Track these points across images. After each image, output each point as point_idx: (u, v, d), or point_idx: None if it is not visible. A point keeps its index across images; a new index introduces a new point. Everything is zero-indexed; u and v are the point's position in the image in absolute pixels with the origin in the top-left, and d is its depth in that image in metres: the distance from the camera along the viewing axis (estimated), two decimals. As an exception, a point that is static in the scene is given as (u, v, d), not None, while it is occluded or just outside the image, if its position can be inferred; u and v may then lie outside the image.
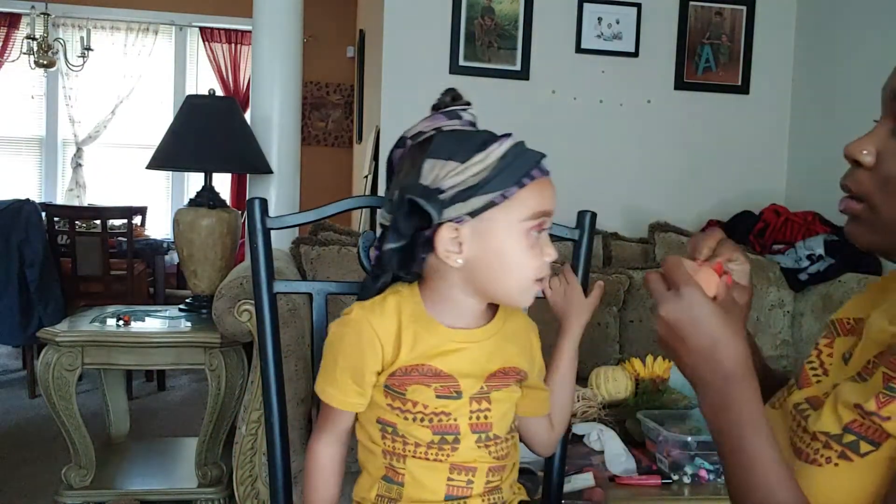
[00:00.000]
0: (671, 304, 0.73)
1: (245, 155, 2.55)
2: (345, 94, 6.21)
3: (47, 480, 2.69)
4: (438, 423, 0.89)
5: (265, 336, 1.05)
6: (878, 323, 0.79)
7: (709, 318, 0.72)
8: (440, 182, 0.85)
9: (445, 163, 0.85)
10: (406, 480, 0.90)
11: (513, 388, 0.95)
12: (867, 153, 0.74)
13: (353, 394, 0.90)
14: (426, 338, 0.89)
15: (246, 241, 1.10)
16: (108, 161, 6.16)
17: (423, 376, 0.89)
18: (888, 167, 0.73)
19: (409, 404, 0.89)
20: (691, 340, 0.72)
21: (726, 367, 0.72)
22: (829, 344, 0.88)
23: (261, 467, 1.90)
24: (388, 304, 0.90)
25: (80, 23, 5.91)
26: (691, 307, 0.72)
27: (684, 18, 3.26)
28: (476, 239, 0.86)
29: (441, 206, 0.85)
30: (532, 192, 0.86)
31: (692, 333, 0.72)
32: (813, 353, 0.89)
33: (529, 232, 0.86)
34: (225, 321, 1.94)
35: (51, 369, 2.16)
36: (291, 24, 2.91)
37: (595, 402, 1.95)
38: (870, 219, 0.75)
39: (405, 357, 0.88)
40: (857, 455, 0.72)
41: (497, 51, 3.14)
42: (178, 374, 4.12)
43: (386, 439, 0.91)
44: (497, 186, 0.84)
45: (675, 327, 0.73)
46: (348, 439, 0.96)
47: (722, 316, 0.72)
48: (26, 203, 3.62)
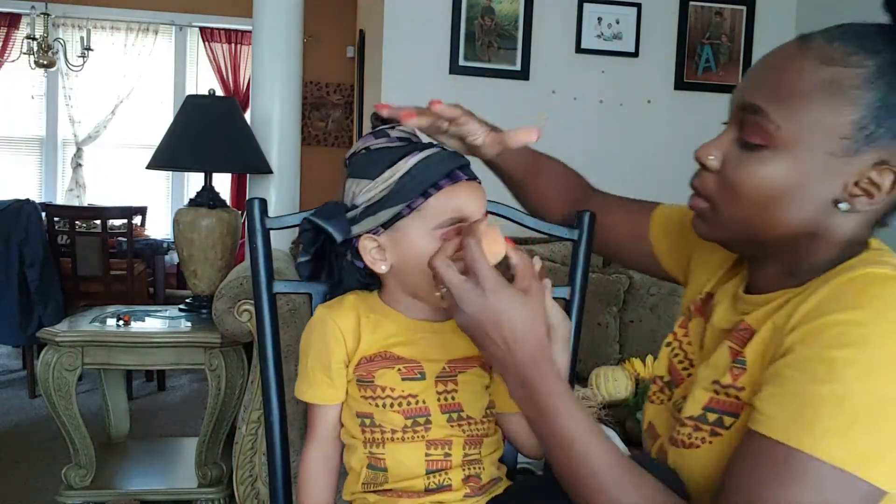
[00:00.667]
0: (476, 299, 0.77)
1: (245, 155, 2.55)
2: (345, 94, 6.21)
3: (47, 480, 2.69)
4: (408, 406, 0.92)
5: (265, 336, 1.05)
6: (720, 311, 0.88)
7: (512, 310, 0.77)
8: (355, 199, 0.93)
9: (359, 181, 0.93)
10: (388, 464, 0.94)
11: (478, 370, 0.96)
12: (713, 158, 0.81)
13: (324, 385, 0.95)
14: (386, 325, 0.95)
15: (246, 241, 1.10)
16: (108, 161, 6.15)
17: (386, 360, 0.93)
18: (730, 172, 0.79)
19: (379, 390, 0.93)
20: (492, 333, 0.77)
21: (530, 357, 0.77)
22: (684, 324, 0.96)
23: (261, 467, 1.90)
24: (346, 301, 0.97)
25: (80, 23, 5.91)
26: (496, 301, 0.77)
27: (684, 18, 3.26)
28: (394, 247, 0.92)
29: (351, 221, 0.93)
30: (441, 201, 0.90)
31: (497, 327, 0.77)
32: (674, 343, 0.96)
33: (446, 238, 0.89)
34: (225, 321, 1.94)
35: (51, 369, 2.16)
36: (291, 24, 2.91)
37: (595, 402, 1.95)
38: (712, 217, 0.83)
39: (368, 343, 0.94)
40: (724, 429, 0.79)
41: (497, 51, 3.14)
42: (178, 374, 4.12)
43: (365, 432, 0.94)
44: (403, 198, 0.90)
45: (477, 319, 0.78)
46: (336, 445, 0.99)
47: (523, 305, 0.77)
48: (26, 203, 3.62)
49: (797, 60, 0.76)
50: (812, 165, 0.75)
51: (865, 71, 0.73)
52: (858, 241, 0.79)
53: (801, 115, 0.74)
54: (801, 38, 0.78)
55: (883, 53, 0.73)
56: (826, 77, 0.74)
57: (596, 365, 2.30)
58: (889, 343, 0.67)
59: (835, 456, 0.66)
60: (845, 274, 0.74)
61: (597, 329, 2.57)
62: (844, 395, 0.67)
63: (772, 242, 0.80)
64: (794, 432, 0.68)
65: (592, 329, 2.56)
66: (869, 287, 0.71)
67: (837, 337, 0.69)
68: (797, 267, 0.80)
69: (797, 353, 0.71)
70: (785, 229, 0.78)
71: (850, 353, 0.68)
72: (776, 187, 0.76)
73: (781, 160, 0.75)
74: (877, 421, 0.66)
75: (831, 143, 0.74)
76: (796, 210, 0.77)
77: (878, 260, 0.75)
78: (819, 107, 0.74)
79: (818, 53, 0.75)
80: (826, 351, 0.69)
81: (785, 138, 0.75)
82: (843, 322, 0.69)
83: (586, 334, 2.53)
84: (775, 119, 0.75)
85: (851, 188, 0.75)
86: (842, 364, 0.68)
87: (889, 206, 0.78)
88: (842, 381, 0.67)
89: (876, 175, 0.74)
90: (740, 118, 0.79)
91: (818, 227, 0.77)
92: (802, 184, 0.75)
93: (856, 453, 0.66)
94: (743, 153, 0.78)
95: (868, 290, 0.71)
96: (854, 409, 0.66)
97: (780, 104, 0.75)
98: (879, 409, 0.66)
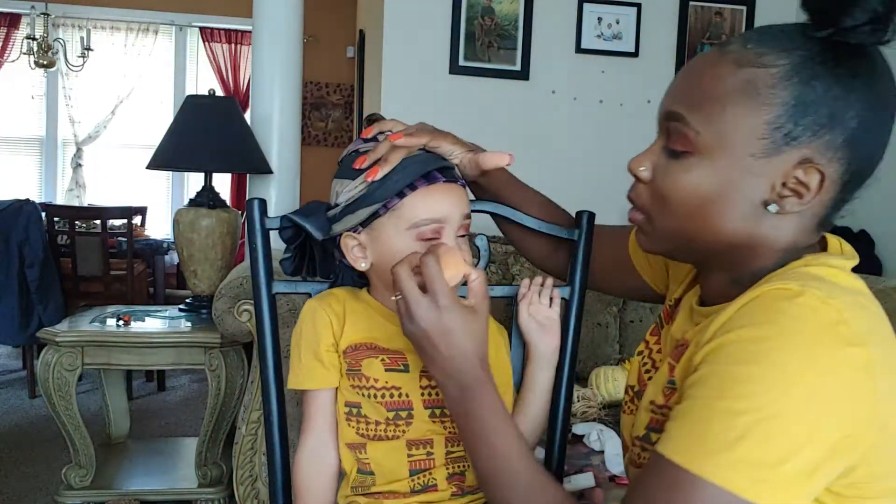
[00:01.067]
0: (427, 313, 0.80)
1: (245, 155, 2.55)
2: (345, 94, 6.21)
3: (47, 480, 2.69)
4: (391, 398, 0.93)
5: (264, 336, 1.05)
6: (677, 322, 0.88)
7: (460, 328, 0.81)
8: (338, 198, 0.95)
9: (342, 181, 0.95)
10: (374, 468, 0.94)
11: None
12: (644, 169, 0.81)
13: (317, 370, 0.96)
14: (373, 315, 0.97)
15: (246, 241, 1.10)
16: (108, 161, 6.15)
17: (371, 349, 0.95)
18: (660, 183, 0.79)
19: (364, 380, 0.94)
20: (440, 349, 0.81)
21: (471, 372, 0.81)
22: (655, 332, 0.95)
23: (261, 467, 1.91)
24: (335, 292, 1.00)
25: (79, 23, 5.91)
26: (448, 319, 0.80)
27: (684, 18, 3.26)
28: (373, 245, 0.94)
29: (333, 220, 0.95)
30: (417, 201, 0.91)
31: (440, 343, 0.81)
32: (644, 351, 0.95)
33: (420, 239, 0.91)
34: (225, 321, 1.94)
35: (51, 369, 2.16)
36: (291, 24, 2.91)
37: (595, 402, 1.95)
38: (650, 229, 0.82)
39: (353, 329, 0.95)
40: None
41: (497, 51, 3.14)
42: (178, 374, 4.12)
43: (350, 421, 0.95)
44: (380, 197, 0.91)
45: (426, 333, 0.81)
46: (332, 438, 0.97)
47: (471, 322, 0.81)
48: (26, 203, 3.62)
49: (715, 66, 0.75)
50: (735, 169, 0.74)
51: (779, 70, 0.72)
52: (799, 246, 0.77)
53: (720, 119, 0.74)
54: (720, 45, 0.77)
55: (797, 51, 0.72)
56: (742, 79, 0.73)
57: (596, 365, 2.30)
58: (787, 360, 0.65)
59: (721, 476, 0.64)
60: (758, 288, 0.72)
61: (597, 329, 2.57)
62: (737, 412, 0.65)
63: (711, 251, 0.79)
64: (684, 451, 0.66)
65: (592, 329, 2.56)
66: (773, 303, 0.69)
67: (736, 354, 0.67)
68: (740, 276, 0.78)
69: (700, 371, 0.70)
70: (720, 237, 0.77)
71: (746, 370, 0.66)
72: (703, 194, 0.75)
73: (705, 166, 0.75)
74: (768, 439, 0.64)
75: (751, 145, 0.73)
76: (728, 216, 0.76)
77: (786, 275, 0.73)
78: (736, 109, 0.73)
79: (734, 57, 0.74)
80: (724, 367, 0.68)
81: (706, 143, 0.74)
82: (744, 339, 0.68)
83: (586, 334, 2.53)
84: (695, 125, 0.75)
85: (780, 189, 0.74)
86: (736, 381, 0.66)
87: (826, 207, 0.76)
88: (736, 398, 0.65)
89: (802, 174, 0.72)
90: (666, 127, 0.78)
91: (754, 233, 0.76)
92: (728, 188, 0.75)
93: (742, 473, 0.64)
94: (670, 162, 0.78)
95: (772, 305, 0.69)
96: (746, 427, 0.64)
97: (698, 110, 0.75)
98: (771, 427, 0.64)
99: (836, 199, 0.75)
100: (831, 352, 0.65)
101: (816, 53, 0.72)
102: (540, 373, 1.02)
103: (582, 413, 1.90)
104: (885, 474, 0.69)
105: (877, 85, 0.73)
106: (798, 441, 0.64)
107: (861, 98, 0.71)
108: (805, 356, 0.65)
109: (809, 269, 0.73)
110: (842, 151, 0.72)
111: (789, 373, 0.65)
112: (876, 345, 0.67)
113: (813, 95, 0.71)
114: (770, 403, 0.64)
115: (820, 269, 0.73)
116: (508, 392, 1.02)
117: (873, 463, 0.68)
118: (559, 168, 3.09)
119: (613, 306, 2.60)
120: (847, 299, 0.69)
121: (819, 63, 0.71)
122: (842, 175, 0.73)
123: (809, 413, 0.64)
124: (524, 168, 1.19)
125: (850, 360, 0.65)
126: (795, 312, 0.67)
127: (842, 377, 0.65)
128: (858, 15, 0.69)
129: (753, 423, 0.64)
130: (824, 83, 0.71)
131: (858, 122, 0.72)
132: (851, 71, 0.71)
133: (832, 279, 0.72)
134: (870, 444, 0.66)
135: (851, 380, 0.65)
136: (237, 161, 2.57)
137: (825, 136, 0.72)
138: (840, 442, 0.65)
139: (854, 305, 0.69)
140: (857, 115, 0.71)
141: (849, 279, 0.73)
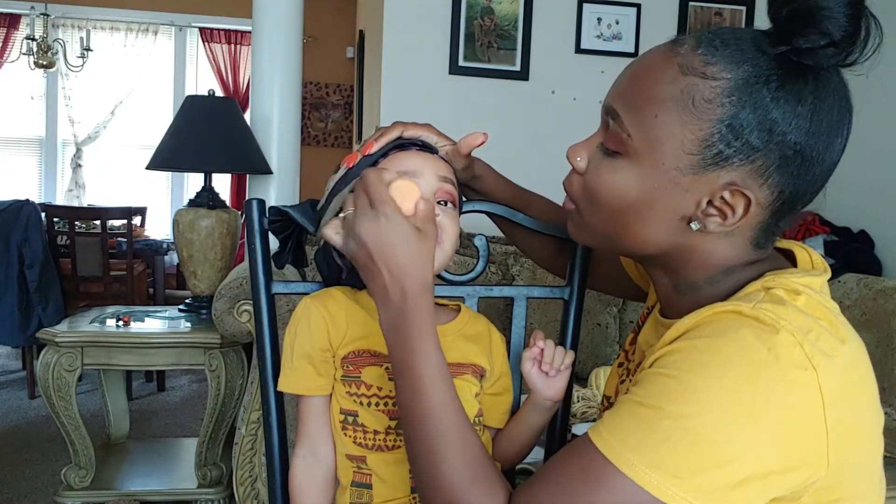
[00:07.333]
0: (368, 223, 0.77)
1: (245, 155, 2.55)
2: (345, 94, 6.21)
3: (47, 481, 2.69)
4: (393, 407, 0.89)
5: (263, 337, 1.05)
6: (644, 331, 0.87)
7: (402, 241, 0.76)
8: (327, 192, 0.93)
9: (333, 177, 0.94)
10: (373, 481, 0.91)
11: (470, 377, 0.94)
12: (580, 159, 0.78)
13: (309, 374, 0.92)
14: (372, 320, 0.90)
15: (245, 241, 1.10)
16: (107, 161, 6.15)
17: (374, 357, 0.90)
18: (590, 178, 0.77)
19: (364, 387, 0.90)
20: (383, 260, 0.76)
21: (409, 291, 0.76)
22: (633, 341, 0.93)
23: (261, 467, 1.90)
24: (333, 291, 0.96)
25: (79, 23, 5.91)
26: (388, 229, 0.76)
27: (684, 18, 3.26)
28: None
29: (320, 212, 0.93)
30: (388, 164, 0.89)
31: (384, 254, 0.76)
32: (624, 362, 0.94)
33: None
34: (225, 322, 1.94)
35: (50, 370, 2.16)
36: (291, 24, 2.91)
37: (595, 402, 1.95)
38: (578, 220, 0.81)
39: (355, 336, 0.91)
40: None
41: (497, 51, 3.14)
42: (178, 375, 4.12)
43: (347, 430, 0.91)
44: (355, 173, 0.89)
45: (369, 245, 0.77)
46: (328, 445, 0.94)
47: (415, 241, 0.77)
48: (26, 203, 3.62)
49: (659, 67, 0.71)
50: (661, 179, 0.71)
51: (720, 84, 0.68)
52: (737, 263, 0.74)
53: (652, 126, 0.70)
54: (674, 42, 0.73)
55: (744, 66, 0.68)
56: (681, 87, 0.69)
57: (596, 365, 2.30)
58: (726, 376, 0.64)
59: (637, 472, 0.64)
60: (716, 307, 0.70)
61: (597, 329, 2.57)
62: (669, 415, 0.64)
63: (636, 256, 0.77)
64: (610, 441, 0.66)
65: (592, 329, 2.56)
66: (727, 322, 0.68)
67: (680, 362, 0.67)
68: (677, 284, 0.77)
69: (643, 372, 0.70)
70: (643, 244, 0.75)
71: (687, 378, 0.65)
72: (628, 198, 0.73)
73: (633, 170, 0.72)
74: (692, 447, 0.63)
75: (680, 159, 0.70)
76: (650, 225, 0.73)
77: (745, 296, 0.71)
78: (670, 118, 0.69)
79: (682, 61, 0.70)
80: (667, 371, 0.67)
81: (636, 148, 0.72)
82: (688, 348, 0.67)
83: (586, 334, 2.53)
84: (628, 127, 0.72)
85: (704, 207, 0.71)
86: (676, 386, 0.66)
87: (755, 230, 0.73)
88: (671, 402, 0.65)
89: (728, 196, 0.70)
90: (606, 121, 0.76)
91: (680, 245, 0.74)
92: (652, 198, 0.72)
93: (659, 474, 0.63)
94: (603, 159, 0.75)
95: (725, 324, 0.67)
96: (672, 431, 0.64)
97: (635, 112, 0.72)
98: (697, 436, 0.63)
99: (767, 223, 0.73)
100: (776, 375, 0.64)
101: (763, 71, 0.68)
102: (534, 415, 0.97)
103: (582, 413, 1.90)
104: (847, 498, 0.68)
105: (822, 111, 0.68)
106: (724, 455, 0.63)
107: (801, 126, 0.68)
108: (746, 376, 0.64)
109: (770, 291, 0.71)
110: (775, 177, 0.69)
111: (727, 388, 0.64)
112: (828, 370, 0.65)
113: (750, 118, 0.67)
114: (701, 413, 0.64)
115: (778, 291, 0.70)
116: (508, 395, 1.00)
117: (826, 492, 0.67)
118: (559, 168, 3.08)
119: (613, 306, 2.60)
120: (801, 322, 0.66)
121: (763, 83, 0.67)
122: (772, 202, 0.71)
123: (743, 431, 0.63)
124: (524, 168, 1.19)
125: (796, 386, 0.64)
126: (744, 333, 0.66)
127: (785, 401, 0.64)
128: (815, 38, 0.66)
129: (682, 429, 0.64)
130: (763, 107, 0.67)
131: (796, 149, 0.68)
132: (797, 95, 0.67)
133: (791, 301, 0.69)
134: (817, 475, 0.65)
135: (796, 404, 0.64)
136: (237, 161, 2.58)
137: (758, 162, 0.68)
138: (776, 470, 0.64)
139: (808, 329, 0.66)
140: (795, 143, 0.68)
141: (810, 301, 0.70)
